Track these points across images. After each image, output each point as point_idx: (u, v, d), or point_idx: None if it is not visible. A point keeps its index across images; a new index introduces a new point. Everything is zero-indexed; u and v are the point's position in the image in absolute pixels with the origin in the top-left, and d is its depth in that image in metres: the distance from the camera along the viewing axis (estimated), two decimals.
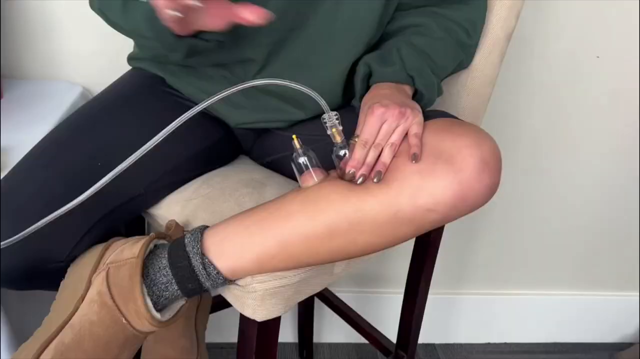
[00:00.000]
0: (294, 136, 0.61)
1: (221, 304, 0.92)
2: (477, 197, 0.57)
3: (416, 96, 0.72)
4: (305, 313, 1.25)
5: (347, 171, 0.59)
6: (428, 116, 0.64)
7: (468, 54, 0.77)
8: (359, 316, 1.11)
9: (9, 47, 1.01)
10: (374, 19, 0.71)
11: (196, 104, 0.78)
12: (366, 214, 0.57)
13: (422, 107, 0.65)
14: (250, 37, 0.70)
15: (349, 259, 0.63)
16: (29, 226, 0.61)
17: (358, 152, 0.59)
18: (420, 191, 0.56)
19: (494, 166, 0.57)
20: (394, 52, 0.68)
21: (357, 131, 0.62)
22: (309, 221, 0.58)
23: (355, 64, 0.74)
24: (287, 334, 1.35)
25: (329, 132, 0.61)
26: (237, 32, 0.70)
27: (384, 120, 0.60)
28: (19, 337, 0.73)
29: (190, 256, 0.58)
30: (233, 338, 1.32)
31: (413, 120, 0.60)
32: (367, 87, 0.71)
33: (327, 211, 0.58)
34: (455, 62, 0.75)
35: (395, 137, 0.60)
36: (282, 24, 0.69)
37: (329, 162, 0.63)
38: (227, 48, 0.70)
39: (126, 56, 0.84)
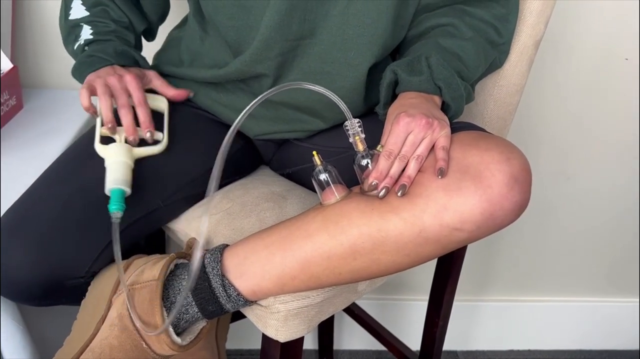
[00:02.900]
0: (314, 152, 0.60)
1: (241, 313, 0.91)
2: (507, 215, 0.55)
3: (443, 107, 0.69)
4: (325, 319, 1.24)
5: (369, 181, 0.57)
6: (454, 128, 0.62)
7: (501, 51, 0.73)
8: (379, 324, 1.09)
9: (29, 57, 1.01)
10: (388, 20, 0.68)
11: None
12: (389, 233, 0.55)
13: (449, 120, 0.63)
14: (256, 53, 0.68)
15: (372, 279, 0.61)
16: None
17: (382, 163, 0.57)
18: (446, 208, 0.54)
19: (524, 182, 0.55)
20: (423, 61, 0.65)
21: (382, 141, 0.60)
22: (330, 241, 0.56)
23: (373, 70, 0.72)
24: (307, 340, 1.34)
25: (351, 140, 0.59)
26: (241, 51, 0.69)
27: (410, 130, 0.57)
28: (40, 351, 0.72)
29: (210, 277, 0.57)
30: (253, 345, 1.33)
31: (440, 132, 0.58)
32: (393, 95, 0.69)
33: (349, 230, 0.56)
34: (487, 63, 0.72)
35: (422, 149, 0.57)
36: (287, 34, 0.67)
37: (349, 175, 0.61)
38: (237, 68, 0.70)
39: None
